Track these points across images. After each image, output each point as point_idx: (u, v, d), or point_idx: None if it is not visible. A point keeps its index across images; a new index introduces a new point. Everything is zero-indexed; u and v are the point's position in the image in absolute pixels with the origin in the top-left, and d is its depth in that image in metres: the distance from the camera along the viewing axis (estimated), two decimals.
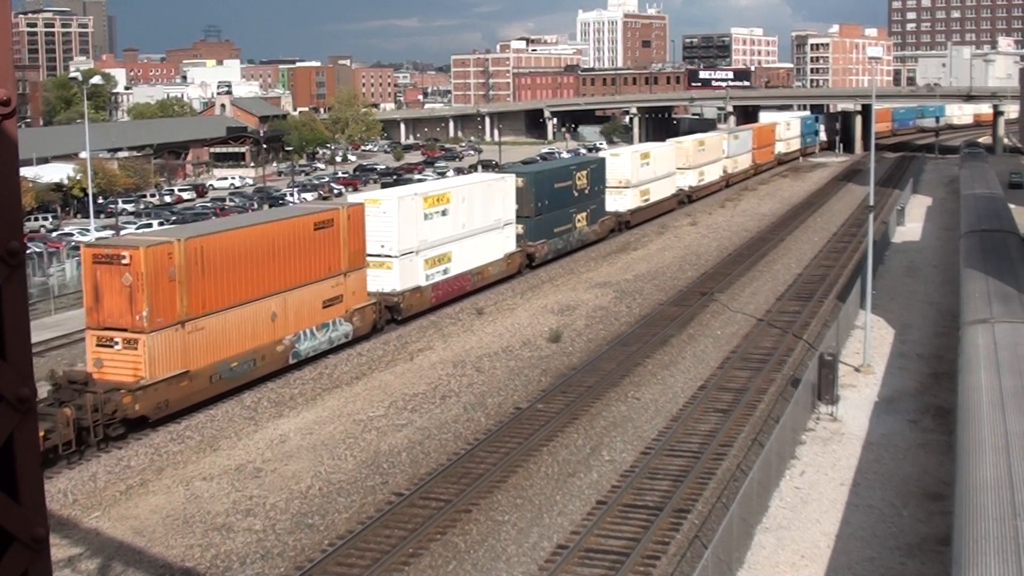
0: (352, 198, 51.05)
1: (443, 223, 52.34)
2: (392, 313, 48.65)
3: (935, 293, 53.83)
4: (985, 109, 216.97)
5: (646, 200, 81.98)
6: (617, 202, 77.36)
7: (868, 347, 40.97)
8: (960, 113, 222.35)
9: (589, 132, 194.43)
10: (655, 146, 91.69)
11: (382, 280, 48.10)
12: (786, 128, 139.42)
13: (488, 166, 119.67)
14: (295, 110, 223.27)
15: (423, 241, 50.53)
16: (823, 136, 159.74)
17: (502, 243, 58.91)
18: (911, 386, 38.19)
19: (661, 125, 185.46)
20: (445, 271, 52.82)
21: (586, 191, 69.98)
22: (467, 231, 54.43)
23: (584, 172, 70.05)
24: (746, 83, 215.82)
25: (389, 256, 48.39)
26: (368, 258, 46.34)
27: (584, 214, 69.99)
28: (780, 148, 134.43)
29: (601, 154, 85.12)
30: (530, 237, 62.13)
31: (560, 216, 66.31)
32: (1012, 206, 66.81)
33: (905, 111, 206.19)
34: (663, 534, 26.28)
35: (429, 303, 51.38)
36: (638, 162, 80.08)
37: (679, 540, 25.98)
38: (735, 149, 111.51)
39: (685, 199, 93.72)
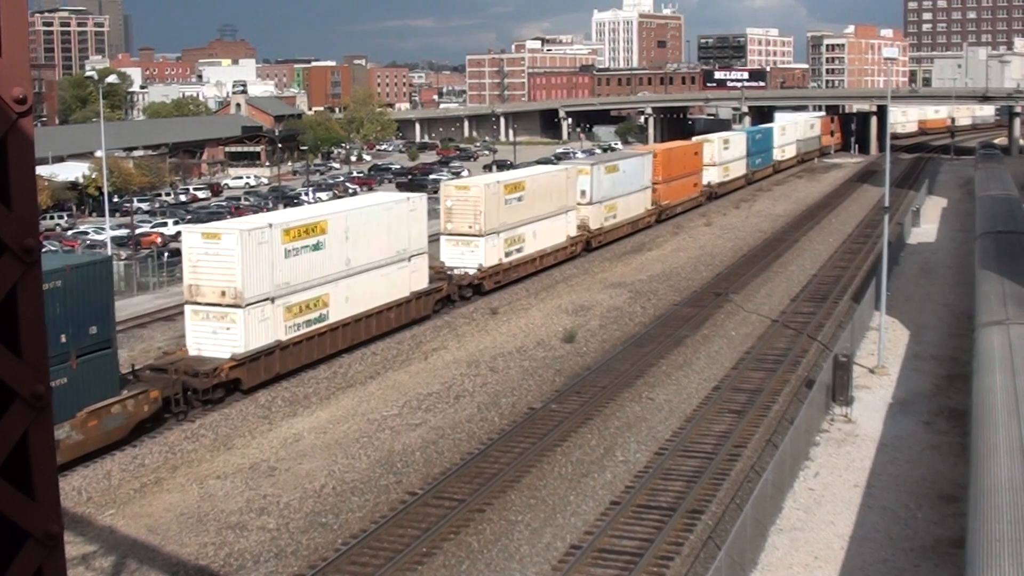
0: None
1: None
2: None
3: (950, 294, 53.65)
4: (931, 115, 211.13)
5: (317, 319, 42.07)
6: (214, 340, 38.43)
7: (883, 348, 40.86)
8: (904, 120, 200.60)
9: (604, 132, 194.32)
10: (353, 207, 48.33)
11: None
12: (723, 147, 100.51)
13: (503, 166, 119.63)
14: (310, 109, 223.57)
15: None
16: (783, 153, 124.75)
17: None
18: (926, 388, 38.08)
19: (676, 125, 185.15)
20: None
21: None
22: None
23: None
24: (761, 83, 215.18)
25: None
26: None
27: None
28: (712, 176, 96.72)
29: (190, 228, 45.56)
30: None
31: None
32: None
33: None
34: (676, 535, 26.26)
35: None
36: (276, 249, 39.60)
37: (692, 541, 25.95)
38: (611, 189, 71.85)
39: (451, 296, 53.02)
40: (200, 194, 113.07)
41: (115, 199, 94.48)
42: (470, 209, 55.33)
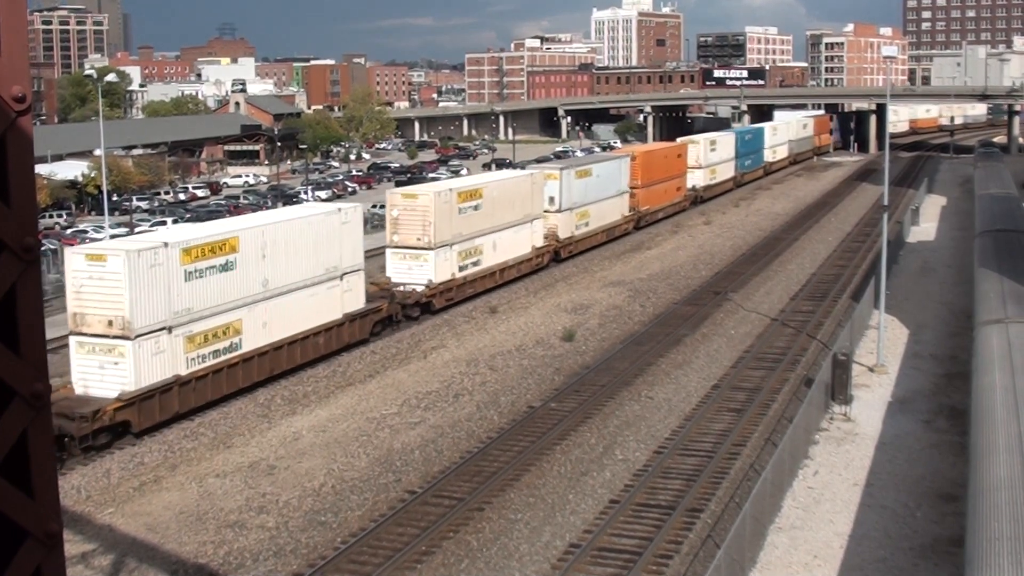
0: None
1: None
2: None
3: (949, 293, 53.64)
4: (922, 114, 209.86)
5: (227, 348, 38.90)
6: (101, 376, 34.01)
7: (882, 347, 40.85)
8: (895, 119, 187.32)
9: (603, 131, 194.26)
10: (271, 220, 43.23)
11: None
12: (709, 149, 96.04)
13: (502, 164, 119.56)
14: (309, 108, 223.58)
15: None
16: (774, 154, 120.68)
17: None
18: (925, 386, 38.07)
19: (676, 124, 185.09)
20: None
21: None
22: None
23: None
24: (760, 82, 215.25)
25: None
26: None
27: None
28: (697, 180, 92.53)
29: None
30: None
31: None
32: None
33: None
34: (676, 533, 26.26)
35: None
36: (174, 271, 35.16)
37: (692, 540, 25.95)
38: (583, 195, 67.20)
39: (394, 316, 48.35)
40: (199, 193, 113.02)
41: (114, 198, 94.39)
42: (418, 219, 50.34)
